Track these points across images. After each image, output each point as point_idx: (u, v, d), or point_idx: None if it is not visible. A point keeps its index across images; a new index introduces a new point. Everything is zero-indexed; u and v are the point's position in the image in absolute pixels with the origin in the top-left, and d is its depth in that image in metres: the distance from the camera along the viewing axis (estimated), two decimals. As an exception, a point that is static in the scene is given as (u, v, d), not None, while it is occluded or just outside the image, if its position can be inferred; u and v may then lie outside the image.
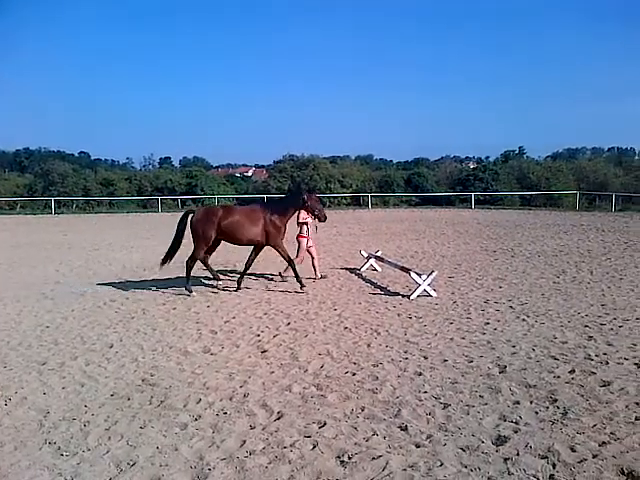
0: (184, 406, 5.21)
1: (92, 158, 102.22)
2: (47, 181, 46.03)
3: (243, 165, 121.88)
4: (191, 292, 10.40)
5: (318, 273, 11.81)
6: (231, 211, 10.69)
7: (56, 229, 26.33)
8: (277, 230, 10.74)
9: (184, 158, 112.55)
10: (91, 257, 15.94)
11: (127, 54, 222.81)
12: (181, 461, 4.16)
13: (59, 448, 4.39)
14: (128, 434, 4.63)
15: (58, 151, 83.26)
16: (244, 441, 4.45)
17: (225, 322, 8.33)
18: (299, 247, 11.77)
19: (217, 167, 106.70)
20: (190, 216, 10.86)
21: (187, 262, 10.84)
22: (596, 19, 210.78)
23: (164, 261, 11.04)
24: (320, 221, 11.23)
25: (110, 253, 16.76)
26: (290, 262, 10.76)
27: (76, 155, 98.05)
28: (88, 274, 12.99)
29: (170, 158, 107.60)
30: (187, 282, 10.67)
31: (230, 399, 5.36)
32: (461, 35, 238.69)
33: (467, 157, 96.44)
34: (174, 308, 9.31)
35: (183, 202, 43.64)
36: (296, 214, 11.43)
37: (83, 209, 42.75)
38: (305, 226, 11.73)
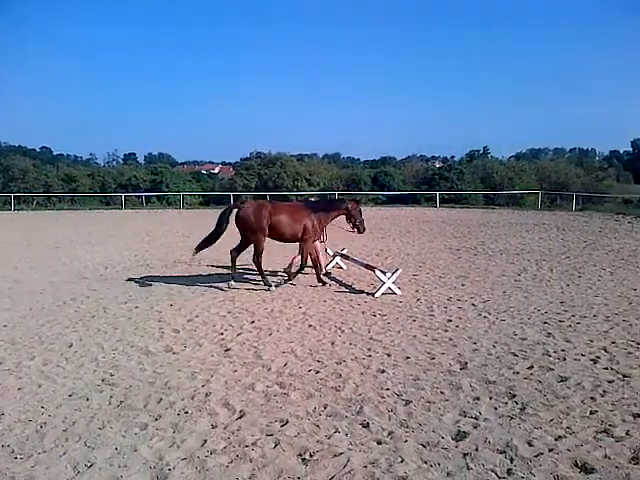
0: (144, 406, 5.14)
1: (54, 153, 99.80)
2: (7, 177, 44.88)
3: (209, 162, 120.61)
4: (271, 286, 10.37)
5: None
6: (279, 207, 10.79)
7: (15, 225, 25.68)
8: (314, 231, 10.85)
9: (149, 154, 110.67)
10: (51, 255, 15.57)
11: (88, 48, 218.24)
12: (140, 462, 4.11)
13: (13, 451, 4.28)
14: (86, 435, 4.54)
15: (19, 146, 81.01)
16: (205, 440, 4.41)
17: (188, 321, 8.24)
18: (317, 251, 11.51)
19: (183, 164, 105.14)
20: (238, 211, 10.57)
21: (254, 260, 10.61)
22: (555, 20, 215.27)
23: (198, 249, 10.88)
24: (359, 232, 11.38)
25: (71, 251, 16.41)
26: (302, 267, 11.00)
27: (37, 150, 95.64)
28: (48, 272, 12.69)
29: (135, 154, 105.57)
30: (265, 280, 10.57)
31: (192, 398, 5.30)
32: (425, 36, 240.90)
33: (433, 156, 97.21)
34: (136, 307, 9.16)
35: (148, 199, 43.03)
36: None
37: (44, 206, 41.67)
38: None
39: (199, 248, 10.90)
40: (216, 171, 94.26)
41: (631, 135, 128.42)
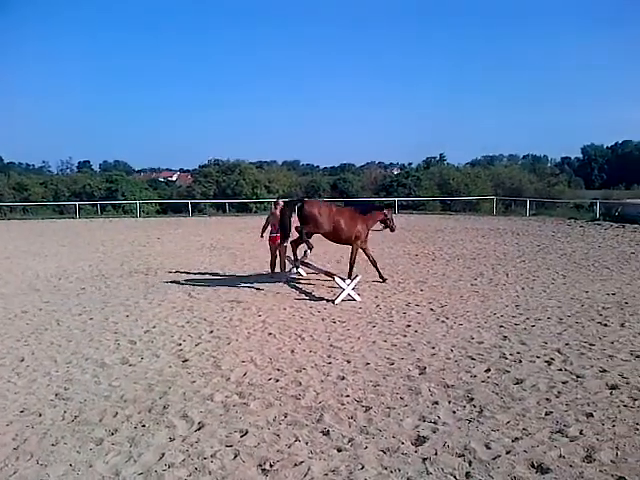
0: (100, 420, 5.01)
1: (5, 161, 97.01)
2: (-46, 185, 43.34)
3: (167, 169, 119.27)
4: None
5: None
6: (340, 209, 11.49)
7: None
8: (364, 233, 11.53)
9: (104, 162, 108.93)
10: (2, 266, 15.07)
11: (40, 52, 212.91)
12: (96, 478, 4.01)
13: (-40, 472, 4.11)
14: (38, 452, 4.40)
15: (-33, 155, 78.46)
16: (163, 454, 4.33)
17: (145, 332, 8.08)
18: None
19: (139, 171, 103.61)
20: (303, 205, 10.90)
21: (302, 237, 11.03)
22: (514, 25, 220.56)
23: (283, 241, 11.42)
24: (392, 231, 12.47)
25: (23, 261, 15.91)
26: (352, 267, 11.61)
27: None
28: (-2, 284, 12.27)
29: (89, 162, 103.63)
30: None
31: (149, 411, 5.20)
32: (381, 42, 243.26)
33: (391, 163, 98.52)
34: (91, 318, 8.94)
35: (103, 208, 42.04)
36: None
37: (-6, 215, 40.40)
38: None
39: (283, 240, 11.39)
40: (174, 178, 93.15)
41: (581, 142, 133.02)
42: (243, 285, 11.59)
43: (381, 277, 11.73)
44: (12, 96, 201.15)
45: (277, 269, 12.69)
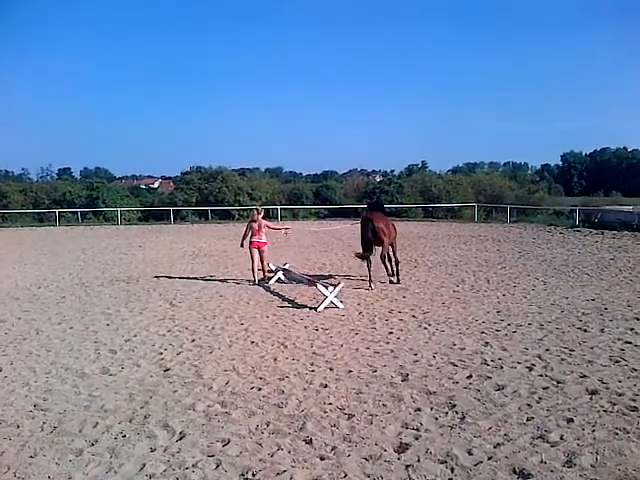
0: (80, 431, 4.94)
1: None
2: None
3: (148, 176, 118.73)
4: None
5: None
6: (385, 218, 12.69)
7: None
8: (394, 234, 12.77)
9: (85, 169, 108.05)
10: (-21, 275, 14.84)
11: (18, 58, 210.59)
12: (74, 490, 3.94)
13: None
14: (16, 465, 4.32)
15: (-56, 161, 77.33)
16: (144, 464, 4.28)
17: (126, 341, 8.00)
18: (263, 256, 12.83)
19: (121, 178, 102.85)
20: (372, 221, 12.01)
21: (393, 260, 12.76)
22: (496, 31, 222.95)
23: (363, 257, 12.18)
24: None
25: (1, 270, 15.68)
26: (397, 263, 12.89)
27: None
28: (-25, 293, 12.08)
29: (70, 169, 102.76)
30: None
31: (130, 421, 5.14)
32: (359, 49, 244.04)
33: (373, 170, 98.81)
34: (71, 327, 8.84)
35: (83, 215, 41.61)
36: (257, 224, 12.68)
37: (-28, 223, 39.79)
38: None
39: (363, 256, 12.11)
40: (155, 185, 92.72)
41: (561, 149, 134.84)
42: (225, 293, 11.53)
43: (397, 278, 12.69)
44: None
45: (259, 275, 12.71)
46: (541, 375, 6.17)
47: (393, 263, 12.78)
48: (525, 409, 5.23)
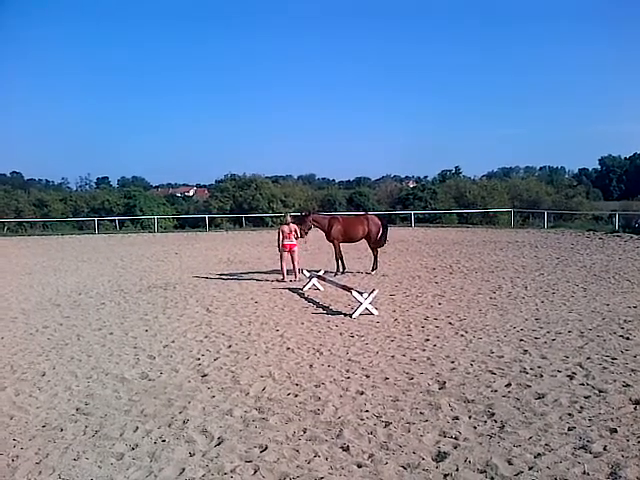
0: (120, 435, 5.04)
1: (25, 178, 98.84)
2: (-23, 202, 44.12)
3: (184, 185, 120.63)
4: None
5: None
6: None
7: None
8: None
9: (122, 178, 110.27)
10: (23, 282, 15.28)
11: (59, 68, 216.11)
12: (116, 493, 4.01)
13: (-17, 487, 4.15)
14: (60, 467, 4.43)
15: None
16: (183, 469, 4.33)
17: (164, 346, 8.13)
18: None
19: (157, 187, 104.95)
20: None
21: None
22: (529, 32, 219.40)
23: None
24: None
25: (43, 277, 16.12)
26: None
27: (8, 175, 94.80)
28: (19, 299, 12.44)
29: (108, 178, 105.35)
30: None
31: (169, 426, 5.21)
32: (393, 57, 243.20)
33: (407, 176, 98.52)
34: (111, 333, 9.02)
35: (121, 223, 42.53)
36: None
37: (15, 231, 40.90)
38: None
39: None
40: (191, 194, 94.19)
41: (599, 153, 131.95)
42: (260, 299, 11.62)
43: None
44: (32, 114, 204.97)
45: (291, 275, 14.14)
46: (582, 384, 6.03)
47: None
48: (566, 418, 5.12)
